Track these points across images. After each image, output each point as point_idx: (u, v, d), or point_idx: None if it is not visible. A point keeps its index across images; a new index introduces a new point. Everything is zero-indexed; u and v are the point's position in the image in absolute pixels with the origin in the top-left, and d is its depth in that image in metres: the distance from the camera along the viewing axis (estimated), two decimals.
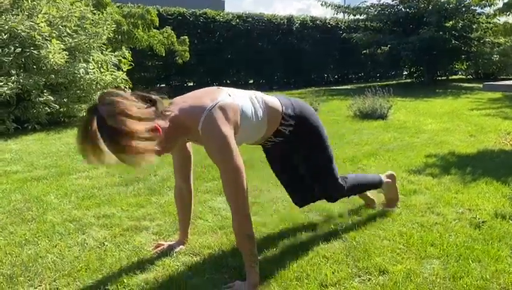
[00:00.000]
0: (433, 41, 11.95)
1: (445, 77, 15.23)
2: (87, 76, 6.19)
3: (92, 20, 6.70)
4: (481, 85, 11.60)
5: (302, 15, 14.37)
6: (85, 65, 6.25)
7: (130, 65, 7.46)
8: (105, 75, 6.54)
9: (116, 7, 8.26)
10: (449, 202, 2.73)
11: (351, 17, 14.12)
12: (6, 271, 1.97)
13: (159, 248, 2.16)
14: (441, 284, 1.79)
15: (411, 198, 2.84)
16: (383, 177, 2.58)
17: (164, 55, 9.32)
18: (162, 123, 1.68)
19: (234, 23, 12.45)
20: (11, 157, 4.32)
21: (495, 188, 2.98)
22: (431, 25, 11.99)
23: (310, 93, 8.87)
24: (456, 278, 1.82)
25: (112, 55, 6.99)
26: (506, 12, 9.33)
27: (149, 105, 1.65)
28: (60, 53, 5.80)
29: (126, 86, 7.10)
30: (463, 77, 16.06)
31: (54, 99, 5.89)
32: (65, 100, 6.13)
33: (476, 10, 12.81)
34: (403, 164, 3.70)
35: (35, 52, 5.70)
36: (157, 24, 8.78)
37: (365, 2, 13.82)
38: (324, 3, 13.65)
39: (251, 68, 12.91)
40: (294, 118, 2.04)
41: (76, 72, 6.04)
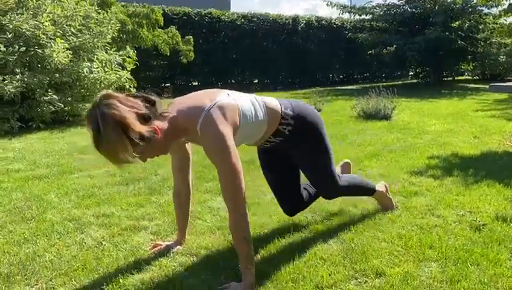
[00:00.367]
0: (439, 41, 11.89)
1: (451, 78, 15.15)
2: (91, 75, 6.22)
3: (97, 19, 6.73)
4: (487, 86, 11.53)
5: (308, 15, 14.35)
6: (89, 64, 6.28)
7: (135, 64, 7.49)
8: (109, 74, 6.56)
9: (121, 6, 8.28)
10: (450, 204, 2.71)
11: (357, 17, 14.08)
12: (3, 270, 1.97)
13: (157, 248, 2.16)
14: (438, 287, 1.77)
15: (411, 200, 2.82)
16: (378, 186, 2.56)
17: (169, 54, 9.35)
18: (161, 124, 1.69)
19: (239, 23, 12.45)
20: (14, 155, 4.34)
21: (497, 191, 2.95)
22: (437, 25, 11.94)
23: (314, 93, 8.86)
24: (454, 281, 1.80)
25: (117, 54, 7.01)
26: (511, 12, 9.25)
27: (148, 106, 1.67)
28: (64, 52, 5.83)
29: (131, 86, 7.13)
30: (469, 78, 15.97)
31: (58, 98, 5.93)
32: (69, 99, 6.16)
33: (483, 10, 12.73)
34: (405, 165, 3.68)
35: (39, 51, 5.73)
36: (162, 24, 8.80)
37: (371, 2, 13.79)
38: (330, 3, 13.62)
39: (256, 68, 12.91)
40: (293, 118, 2.04)
41: (80, 71, 6.08)
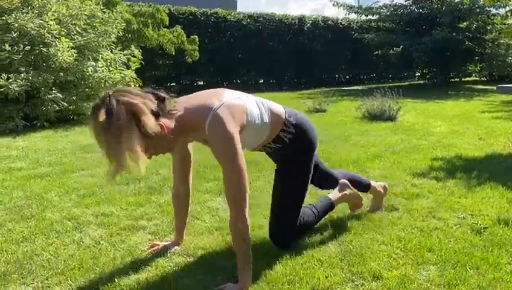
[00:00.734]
0: (446, 42, 11.81)
1: (458, 79, 15.04)
2: (95, 74, 6.24)
3: (102, 18, 6.75)
4: (495, 87, 11.43)
5: (314, 15, 14.31)
6: (94, 63, 6.30)
7: (140, 64, 7.50)
8: (113, 73, 6.58)
9: (126, 6, 8.30)
10: (451, 207, 2.68)
11: (363, 17, 14.03)
12: (0, 268, 1.97)
13: (154, 248, 2.15)
14: None
15: (413, 202, 2.79)
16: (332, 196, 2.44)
17: (174, 54, 9.36)
18: (168, 122, 1.69)
19: (245, 22, 12.44)
20: (17, 154, 4.36)
21: (500, 193, 2.92)
22: (444, 26, 11.85)
23: (319, 93, 8.83)
24: (452, 285, 1.78)
25: (121, 53, 7.03)
26: None
27: (158, 102, 1.68)
28: (69, 51, 5.85)
29: (136, 85, 7.15)
30: (477, 79, 15.85)
31: (63, 97, 5.95)
32: (74, 98, 6.18)
33: (491, 11, 12.61)
34: (408, 167, 3.65)
35: (44, 50, 5.76)
36: (167, 23, 8.81)
37: (377, 2, 13.72)
38: (336, 3, 13.57)
39: (261, 68, 12.90)
40: (295, 127, 2.04)
41: (85, 70, 6.10)
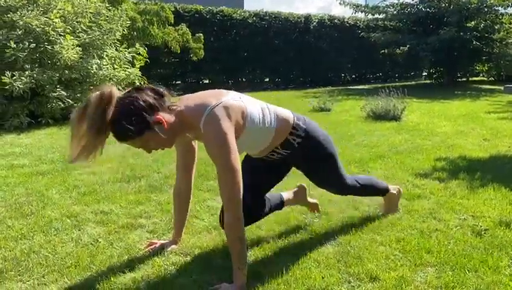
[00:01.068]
0: (453, 42, 11.72)
1: (465, 79, 14.91)
2: (100, 72, 6.25)
3: (107, 16, 6.76)
4: (502, 87, 11.31)
5: (320, 13, 14.26)
6: (98, 61, 6.31)
7: (146, 62, 7.51)
8: (118, 71, 6.59)
9: (132, 3, 8.31)
10: (453, 208, 2.66)
11: (370, 16, 13.95)
12: None
13: (151, 247, 2.15)
14: None
15: (414, 203, 2.77)
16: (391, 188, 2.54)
17: (179, 52, 9.36)
18: (167, 117, 1.71)
19: (251, 21, 12.42)
20: (21, 151, 4.38)
21: (503, 195, 2.88)
22: (451, 25, 11.75)
23: (324, 92, 8.80)
24: (449, 288, 1.76)
25: (126, 51, 7.04)
26: None
27: (157, 97, 1.71)
28: (74, 49, 5.86)
29: (141, 83, 7.16)
30: (484, 79, 15.70)
31: (68, 94, 5.97)
32: (78, 95, 6.19)
33: (499, 10, 12.49)
34: (410, 167, 3.62)
35: (49, 47, 5.78)
36: (172, 21, 8.82)
37: (384, 1, 13.63)
38: (343, 2, 13.51)
39: (267, 66, 12.86)
40: (304, 131, 2.01)
41: (89, 68, 6.11)
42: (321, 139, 2.07)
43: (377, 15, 13.74)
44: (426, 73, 15.41)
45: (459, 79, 14.56)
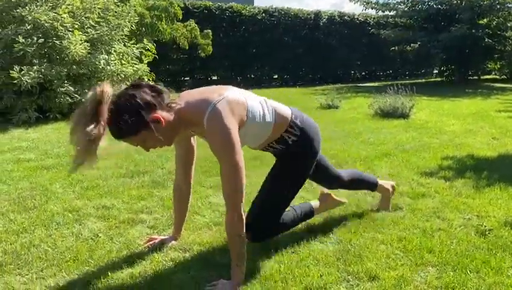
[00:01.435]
0: (465, 39, 11.57)
1: (476, 77, 14.72)
2: (108, 67, 6.27)
3: (115, 12, 6.77)
4: None
5: (330, 10, 14.16)
6: (106, 57, 6.33)
7: (154, 58, 7.51)
8: (126, 66, 6.60)
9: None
10: (457, 207, 2.62)
11: (380, 13, 13.83)
12: None
13: (151, 242, 2.14)
14: None
15: (418, 202, 2.73)
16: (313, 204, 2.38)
17: (188, 48, 9.35)
18: (166, 115, 1.69)
19: (260, 17, 12.37)
20: (28, 145, 4.41)
21: (509, 195, 2.84)
22: (463, 23, 11.60)
23: (333, 89, 8.74)
24: (449, 288, 1.73)
25: (134, 47, 7.05)
26: None
27: (155, 95, 1.68)
28: (82, 44, 5.88)
29: (149, 79, 7.17)
30: (497, 77, 15.48)
31: (76, 89, 5.99)
32: (86, 91, 6.20)
33: None
34: (416, 166, 3.57)
35: (57, 42, 5.80)
36: (180, 17, 8.81)
37: None
38: None
39: (276, 63, 12.80)
40: (300, 130, 1.99)
41: (97, 63, 6.13)
42: (315, 140, 2.05)
43: (388, 12, 13.62)
44: (437, 71, 15.24)
45: (471, 77, 14.36)
